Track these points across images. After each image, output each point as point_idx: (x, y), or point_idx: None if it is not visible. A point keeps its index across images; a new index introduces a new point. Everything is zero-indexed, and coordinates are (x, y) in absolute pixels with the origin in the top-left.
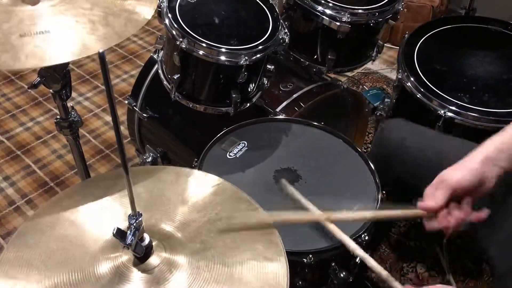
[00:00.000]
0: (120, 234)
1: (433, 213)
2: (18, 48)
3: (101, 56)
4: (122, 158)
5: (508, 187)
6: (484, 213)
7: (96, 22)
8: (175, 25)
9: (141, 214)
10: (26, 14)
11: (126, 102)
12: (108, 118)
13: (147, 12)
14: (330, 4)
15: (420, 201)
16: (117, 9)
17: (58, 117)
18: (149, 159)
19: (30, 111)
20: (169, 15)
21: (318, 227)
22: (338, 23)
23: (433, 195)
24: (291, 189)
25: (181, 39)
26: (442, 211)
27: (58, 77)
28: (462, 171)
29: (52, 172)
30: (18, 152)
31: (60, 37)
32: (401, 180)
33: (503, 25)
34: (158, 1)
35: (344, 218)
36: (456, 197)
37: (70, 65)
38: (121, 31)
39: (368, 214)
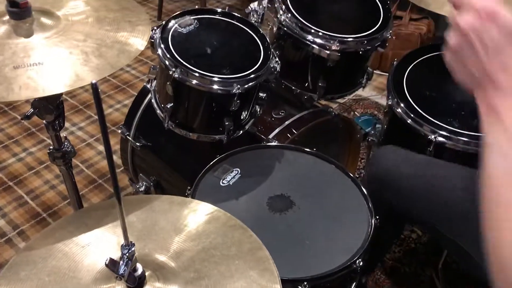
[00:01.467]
0: (112, 265)
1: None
2: (11, 79)
3: (94, 86)
4: (115, 187)
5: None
6: None
7: (89, 53)
8: (168, 55)
9: (133, 244)
10: (19, 47)
11: (119, 131)
12: (101, 148)
13: (139, 43)
14: (320, 33)
15: None
16: (110, 40)
17: (51, 147)
18: (142, 188)
19: (23, 141)
20: (162, 45)
21: (313, 254)
22: (327, 52)
23: None
24: None
25: (174, 69)
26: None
27: (51, 108)
28: None
29: (44, 203)
30: (10, 183)
31: (54, 69)
32: (396, 208)
33: None
34: (151, 32)
35: None
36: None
37: (63, 96)
38: (114, 62)
39: None
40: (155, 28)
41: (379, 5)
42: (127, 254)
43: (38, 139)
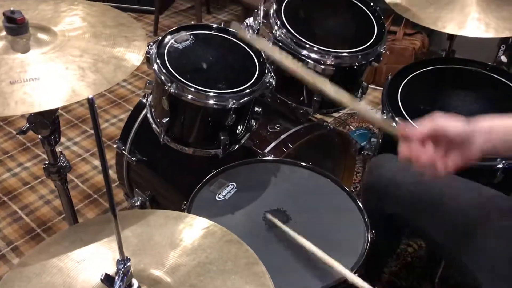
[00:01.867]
0: (108, 280)
1: (409, 138)
2: (7, 94)
3: (91, 102)
4: (110, 202)
5: (483, 211)
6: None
7: (86, 68)
8: (164, 71)
9: (129, 259)
10: (16, 62)
11: (115, 146)
12: (97, 163)
13: (135, 59)
14: (315, 48)
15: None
16: (106, 56)
17: (46, 162)
18: (138, 203)
19: (18, 156)
20: (158, 61)
21: (310, 268)
22: (322, 66)
23: (416, 125)
24: None
25: (169, 84)
26: (418, 141)
27: (47, 123)
28: (453, 120)
29: (39, 218)
30: (5, 199)
31: (50, 84)
32: (393, 217)
33: (481, 66)
34: (147, 47)
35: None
36: (435, 142)
37: (59, 110)
38: (111, 77)
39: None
40: (151, 43)
41: (373, 20)
42: (122, 270)
43: (33, 154)
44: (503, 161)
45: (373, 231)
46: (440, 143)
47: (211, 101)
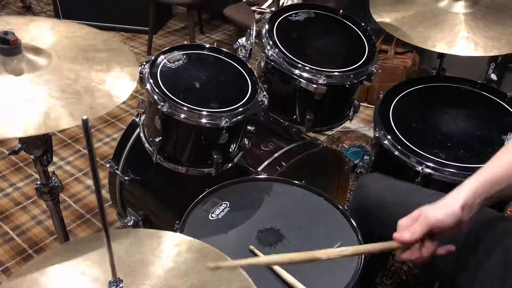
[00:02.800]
0: None
1: (407, 245)
2: (5, 116)
3: (85, 123)
4: (103, 222)
5: (472, 230)
6: (451, 246)
7: (82, 92)
8: (157, 90)
9: (121, 280)
10: (9, 84)
11: (108, 165)
12: (89, 182)
13: (129, 84)
14: (307, 68)
15: (395, 234)
16: (100, 80)
17: (38, 182)
18: (131, 223)
19: (10, 176)
20: (151, 80)
21: None
22: (314, 86)
23: (410, 229)
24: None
25: (162, 103)
26: (416, 244)
27: (39, 143)
28: (443, 212)
29: (31, 239)
30: None
31: (45, 106)
32: (381, 236)
33: (472, 84)
34: (139, 67)
35: (325, 257)
36: (429, 233)
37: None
38: (105, 102)
39: (349, 250)
40: (144, 63)
41: (364, 40)
42: None
43: (25, 174)
44: None
45: None
46: (434, 235)
47: (204, 120)
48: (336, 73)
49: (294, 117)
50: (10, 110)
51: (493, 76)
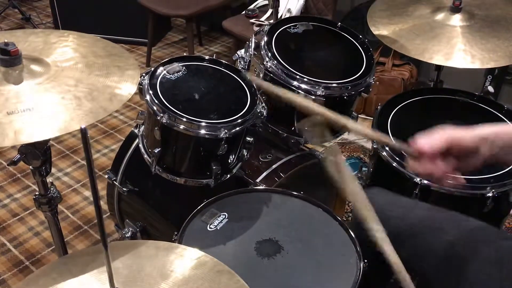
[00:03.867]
0: None
1: (420, 155)
2: (6, 125)
3: (83, 131)
4: (101, 233)
5: (470, 243)
6: (462, 179)
7: (82, 98)
8: (156, 101)
9: None
10: (12, 93)
11: (106, 176)
12: (87, 193)
13: (130, 87)
14: (305, 79)
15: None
16: (101, 85)
17: (37, 193)
18: (129, 234)
19: (8, 187)
20: (150, 91)
21: None
22: (313, 97)
23: (429, 140)
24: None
25: (162, 114)
26: (430, 158)
27: (38, 154)
28: (466, 132)
29: (28, 250)
30: None
31: (47, 114)
32: (382, 251)
33: (469, 96)
34: (140, 78)
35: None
36: (445, 154)
37: (51, 141)
38: (107, 105)
39: (371, 135)
40: (144, 74)
41: (362, 52)
42: None
43: (23, 185)
44: (493, 190)
45: (365, 261)
46: (449, 155)
47: (203, 131)
48: (334, 85)
49: (293, 128)
50: (13, 118)
51: (490, 88)
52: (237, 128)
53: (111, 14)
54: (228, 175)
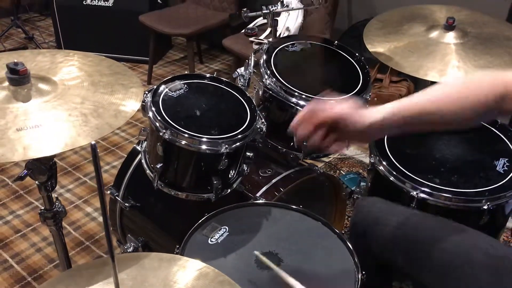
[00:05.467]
0: None
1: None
2: (15, 141)
3: (93, 147)
4: (109, 244)
5: (467, 253)
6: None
7: (88, 114)
8: (159, 118)
9: None
10: (20, 110)
11: (108, 192)
12: (89, 210)
13: (134, 104)
14: (303, 96)
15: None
16: (106, 102)
17: (42, 208)
18: (130, 249)
19: (10, 204)
20: (153, 108)
21: None
22: None
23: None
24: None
25: (164, 130)
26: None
27: (44, 169)
28: (355, 115)
29: (30, 266)
30: None
31: (55, 130)
32: (380, 259)
33: None
34: (143, 95)
35: None
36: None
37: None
38: (111, 122)
39: None
40: (147, 92)
41: (359, 69)
42: None
43: (26, 201)
44: (488, 203)
45: (363, 272)
46: (334, 129)
47: (204, 146)
48: (332, 101)
49: (292, 143)
50: (22, 135)
51: None
52: (238, 144)
53: (113, 32)
54: (229, 190)
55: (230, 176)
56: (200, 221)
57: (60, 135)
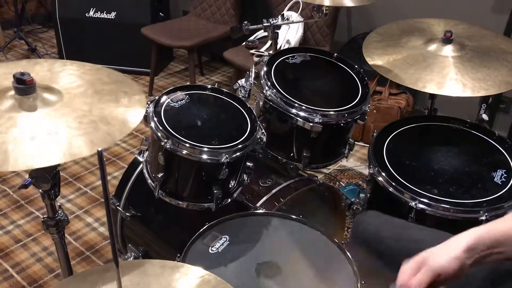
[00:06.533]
0: None
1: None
2: (20, 151)
3: (100, 154)
4: (113, 250)
5: None
6: None
7: (93, 123)
8: (160, 128)
9: None
10: (30, 119)
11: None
12: (90, 220)
13: (139, 112)
14: (303, 107)
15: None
16: (112, 110)
17: (43, 217)
18: (131, 259)
19: (11, 214)
20: (155, 118)
21: None
22: (311, 124)
23: (414, 275)
24: None
25: (165, 140)
26: None
27: (48, 178)
28: (447, 257)
29: (30, 276)
30: None
31: (59, 139)
32: (379, 271)
33: (462, 123)
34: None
35: None
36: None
37: None
38: (118, 130)
39: None
40: (149, 102)
41: (358, 81)
42: None
43: (26, 211)
44: (486, 214)
45: (363, 282)
46: (439, 281)
47: (205, 156)
48: (331, 112)
49: (291, 154)
50: (28, 144)
51: (485, 116)
52: (238, 153)
53: (115, 44)
54: (229, 199)
55: (230, 185)
56: (201, 230)
57: (65, 144)
